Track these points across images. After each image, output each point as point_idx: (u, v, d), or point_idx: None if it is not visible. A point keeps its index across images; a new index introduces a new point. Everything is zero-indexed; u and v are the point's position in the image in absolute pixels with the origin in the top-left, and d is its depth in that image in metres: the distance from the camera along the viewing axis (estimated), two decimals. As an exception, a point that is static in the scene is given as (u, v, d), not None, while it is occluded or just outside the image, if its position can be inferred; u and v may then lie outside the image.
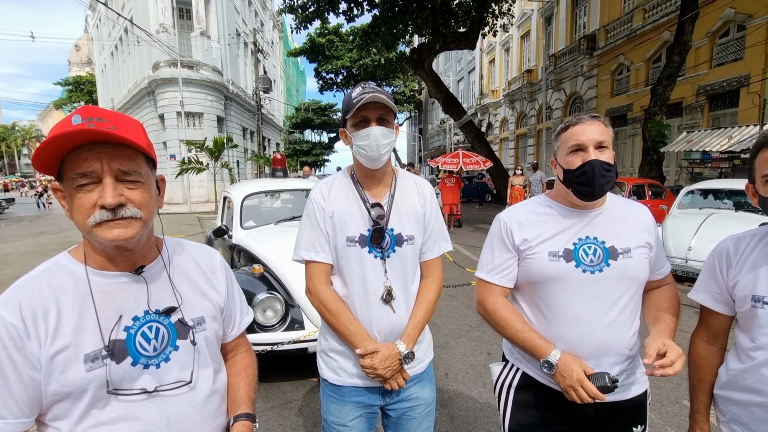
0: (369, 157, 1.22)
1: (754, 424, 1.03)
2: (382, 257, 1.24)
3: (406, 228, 1.27)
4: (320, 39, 27.82)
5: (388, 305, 1.23)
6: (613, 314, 1.15)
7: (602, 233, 1.19)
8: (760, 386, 1.01)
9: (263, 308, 2.68)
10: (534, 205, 1.30)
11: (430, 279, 1.34)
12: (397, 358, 1.21)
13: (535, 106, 22.10)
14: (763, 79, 10.06)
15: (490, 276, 1.27)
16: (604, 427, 1.22)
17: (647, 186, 8.69)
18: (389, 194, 1.29)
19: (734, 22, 11.17)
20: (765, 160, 0.97)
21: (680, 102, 12.38)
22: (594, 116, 1.20)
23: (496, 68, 27.95)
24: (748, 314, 1.04)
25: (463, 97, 34.29)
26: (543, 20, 21.41)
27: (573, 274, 1.16)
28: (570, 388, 1.09)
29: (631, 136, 14.67)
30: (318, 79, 31.56)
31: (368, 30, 16.26)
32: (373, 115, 1.21)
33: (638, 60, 14.34)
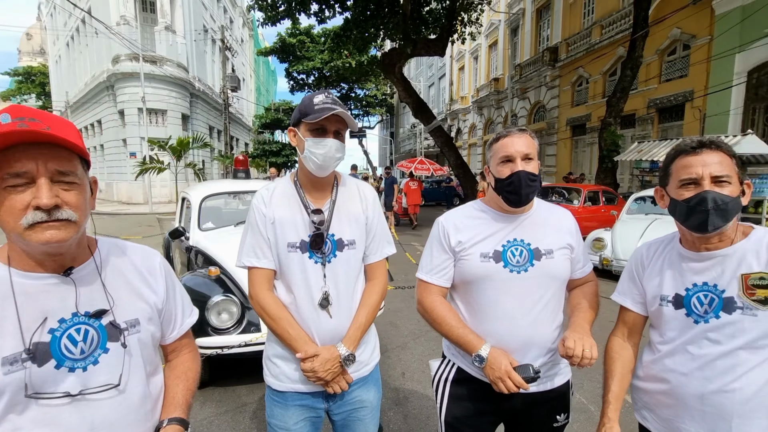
0: (320, 166, 1.25)
1: (659, 409, 1.15)
2: (322, 262, 1.27)
3: (347, 233, 1.31)
4: (291, 39, 27.54)
5: (325, 310, 1.26)
6: (537, 310, 1.25)
7: (528, 236, 1.29)
8: (664, 375, 1.13)
9: (218, 311, 2.66)
10: (469, 209, 1.39)
11: (373, 282, 1.38)
12: (338, 361, 1.24)
13: (502, 113, 22.80)
14: (705, 95, 10.87)
15: (429, 276, 1.34)
16: (530, 416, 1.31)
17: (601, 192, 9.18)
18: (331, 200, 1.32)
19: (680, 42, 12.02)
20: (681, 167, 1.06)
21: (633, 114, 13.16)
22: (521, 129, 1.29)
23: (466, 75, 28.64)
24: (657, 312, 1.16)
25: (433, 102, 34.84)
26: (509, 31, 22.18)
27: (501, 274, 1.25)
28: (498, 379, 1.17)
29: (589, 145, 15.43)
30: (289, 80, 31.19)
31: (340, 32, 16.26)
32: (332, 127, 1.25)
33: (596, 73, 15.13)
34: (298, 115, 1.27)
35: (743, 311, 1.00)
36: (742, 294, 1.01)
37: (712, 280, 1.06)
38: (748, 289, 1.00)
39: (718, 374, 1.02)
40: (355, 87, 34.71)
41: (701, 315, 1.06)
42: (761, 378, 0.99)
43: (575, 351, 1.14)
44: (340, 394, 1.29)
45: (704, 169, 1.01)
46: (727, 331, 1.02)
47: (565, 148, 17.30)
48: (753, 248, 1.03)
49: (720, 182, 1.01)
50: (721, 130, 10.13)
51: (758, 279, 1.00)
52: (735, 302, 1.01)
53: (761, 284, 0.99)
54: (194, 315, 1.07)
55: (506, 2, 21.84)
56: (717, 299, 1.04)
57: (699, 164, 1.02)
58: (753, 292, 1.00)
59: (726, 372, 1.01)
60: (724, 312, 1.02)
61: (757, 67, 9.92)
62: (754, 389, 0.99)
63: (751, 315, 0.99)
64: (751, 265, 1.02)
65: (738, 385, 1.00)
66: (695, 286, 1.08)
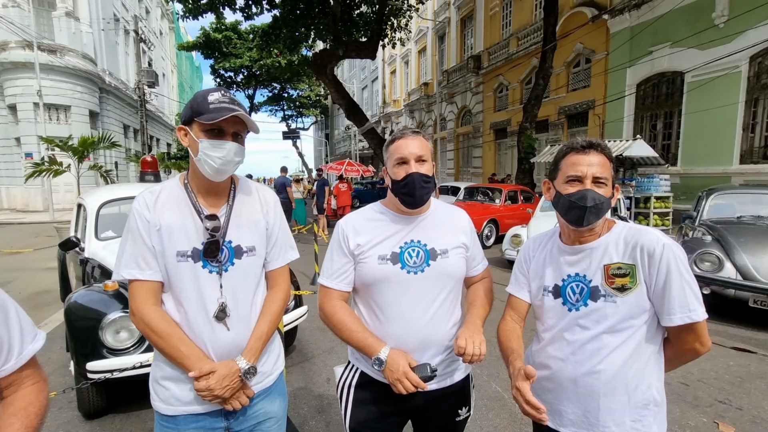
0: (217, 170, 1.16)
1: (544, 394, 1.22)
2: (218, 271, 1.19)
3: (246, 239, 1.24)
4: (216, 34, 26.09)
5: (221, 323, 1.19)
6: (433, 310, 1.28)
7: (425, 236, 1.32)
8: (547, 361, 1.21)
9: (116, 329, 2.40)
10: (369, 211, 1.39)
11: (276, 289, 1.33)
12: (237, 376, 1.17)
13: (432, 116, 23.67)
14: (603, 104, 12.24)
15: (329, 281, 1.32)
16: (432, 413, 1.34)
17: (519, 192, 9.92)
18: (227, 204, 1.24)
19: (583, 56, 13.41)
20: (570, 164, 1.13)
21: (546, 119, 14.41)
22: (415, 131, 1.32)
23: (397, 79, 29.27)
24: (540, 302, 1.24)
25: (367, 104, 35.13)
26: (437, 38, 23.11)
27: (399, 276, 1.27)
28: (397, 381, 1.18)
29: (510, 148, 16.58)
30: (215, 77, 29.53)
31: (269, 30, 15.73)
32: (230, 129, 1.17)
33: (514, 81, 16.32)
34: (189, 113, 1.16)
35: (605, 299, 1.10)
36: (604, 283, 1.11)
37: (582, 271, 1.16)
38: (609, 278, 1.11)
39: (587, 357, 1.12)
40: (288, 87, 33.83)
41: (573, 303, 1.16)
42: (621, 358, 1.10)
43: (466, 349, 1.19)
44: (242, 409, 1.22)
45: (588, 169, 1.10)
46: (594, 317, 1.12)
47: (489, 151, 18.41)
48: (614, 241, 1.14)
49: (599, 183, 1.10)
50: (617, 135, 11.47)
51: (616, 269, 1.11)
52: (599, 290, 1.11)
53: (619, 273, 1.10)
54: (39, 340, 0.90)
55: (433, 10, 22.72)
56: (586, 288, 1.14)
57: (585, 164, 1.11)
58: (613, 280, 1.10)
59: (593, 355, 1.11)
60: (591, 300, 1.12)
61: (644, 80, 11.40)
62: (615, 368, 1.10)
63: (612, 302, 1.10)
64: (611, 257, 1.12)
65: (603, 366, 1.10)
66: (569, 276, 1.18)
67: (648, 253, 1.07)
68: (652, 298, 1.09)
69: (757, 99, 9.10)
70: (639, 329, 1.10)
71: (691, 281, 1.07)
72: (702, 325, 1.08)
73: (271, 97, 35.59)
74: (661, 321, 1.09)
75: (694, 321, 1.05)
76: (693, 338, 1.10)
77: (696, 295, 1.06)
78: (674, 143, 10.85)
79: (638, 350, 1.10)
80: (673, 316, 1.06)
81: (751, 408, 2.74)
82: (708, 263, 4.31)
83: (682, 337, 1.11)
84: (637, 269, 1.09)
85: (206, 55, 27.77)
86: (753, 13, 8.58)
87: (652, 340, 1.12)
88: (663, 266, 1.06)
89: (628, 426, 1.11)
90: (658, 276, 1.06)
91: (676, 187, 10.11)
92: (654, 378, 1.13)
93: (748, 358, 3.49)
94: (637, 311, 1.09)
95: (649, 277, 1.08)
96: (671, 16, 10.27)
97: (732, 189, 5.67)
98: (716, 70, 9.30)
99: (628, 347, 1.10)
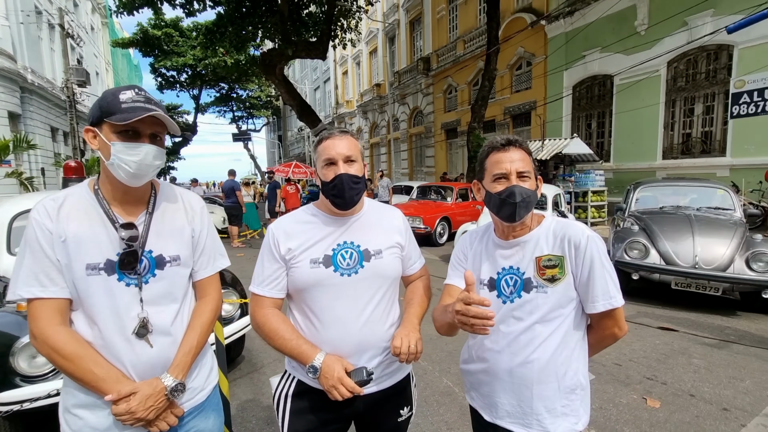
0: (133, 175, 1.07)
1: (481, 387, 1.26)
2: (137, 284, 1.10)
3: (169, 248, 1.16)
4: (155, 31, 24.56)
5: (143, 339, 1.10)
6: (369, 312, 1.26)
7: (358, 237, 1.30)
8: (484, 354, 1.23)
9: (31, 354, 2.16)
10: (301, 214, 1.35)
11: (205, 300, 1.26)
12: (162, 395, 1.08)
13: (385, 117, 23.85)
14: (544, 104, 12.94)
15: (260, 288, 1.27)
16: (374, 415, 1.33)
17: (470, 189, 10.23)
18: (146, 212, 1.16)
19: (524, 59, 14.11)
20: (494, 162, 1.17)
21: (493, 119, 15.00)
22: (343, 131, 1.29)
23: (350, 80, 29.20)
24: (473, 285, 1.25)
25: (320, 105, 34.74)
26: (387, 39, 23.31)
27: (332, 279, 1.24)
28: (332, 387, 1.15)
29: (461, 147, 17.06)
30: (156, 76, 27.82)
31: (213, 28, 15.06)
32: (147, 130, 1.08)
33: (462, 82, 16.84)
34: (98, 113, 1.06)
35: (537, 290, 1.14)
36: (536, 274, 1.15)
37: (516, 264, 1.19)
38: (540, 269, 1.15)
39: (522, 348, 1.15)
40: (236, 87, 32.62)
41: (508, 296, 1.19)
42: (551, 346, 1.14)
43: (401, 349, 1.19)
44: (170, 429, 1.13)
45: (511, 165, 1.14)
46: (527, 308, 1.15)
47: (441, 150, 18.86)
48: (544, 234, 1.19)
49: (523, 177, 1.14)
50: (557, 134, 12.17)
51: (547, 260, 1.15)
52: (532, 282, 1.15)
53: (549, 264, 1.15)
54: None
55: (383, 12, 22.91)
56: (519, 280, 1.17)
57: (507, 160, 1.14)
58: (544, 272, 1.15)
59: (527, 345, 1.15)
60: (524, 291, 1.16)
61: (579, 82, 12.19)
62: (547, 357, 1.14)
63: (543, 292, 1.14)
64: (542, 249, 1.17)
65: (536, 356, 1.14)
66: (504, 269, 1.21)
67: (575, 245, 1.13)
68: (578, 288, 1.14)
69: (674, 100, 10.03)
70: (567, 318, 1.15)
71: (611, 270, 1.13)
72: (620, 311, 1.14)
73: (218, 97, 34.15)
74: (586, 309, 1.15)
75: (615, 307, 1.11)
76: (612, 323, 1.16)
77: (615, 283, 1.12)
78: (607, 141, 11.71)
79: (566, 338, 1.15)
80: (597, 303, 1.11)
81: (674, 382, 3.00)
82: (636, 251, 4.68)
83: (603, 323, 1.17)
84: (566, 260, 1.14)
85: (145, 53, 26.05)
86: (669, 22, 9.46)
87: (578, 328, 1.18)
88: (587, 257, 1.11)
89: (559, 411, 1.15)
90: (583, 266, 1.12)
91: (610, 182, 10.93)
92: (580, 363, 1.18)
93: (671, 336, 3.82)
94: (565, 300, 1.14)
95: (576, 268, 1.13)
96: (600, 23, 11.07)
97: (655, 182, 6.20)
98: (639, 74, 10.15)
99: (557, 336, 1.14)
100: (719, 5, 8.70)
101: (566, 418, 1.15)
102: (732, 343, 3.63)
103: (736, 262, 4.21)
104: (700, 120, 9.64)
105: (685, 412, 2.61)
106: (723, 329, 3.96)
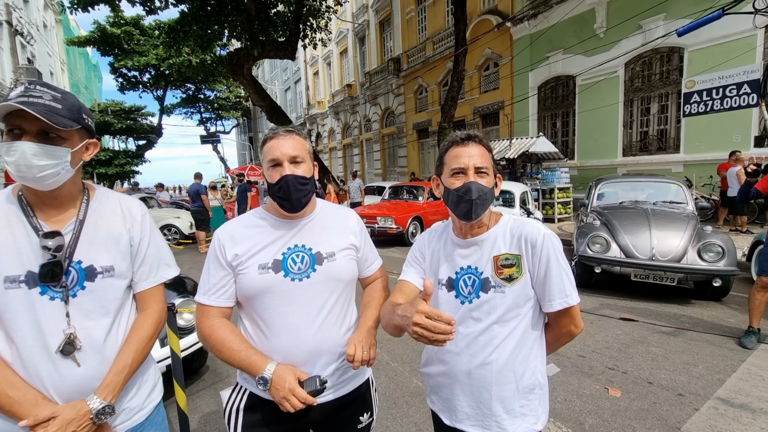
0: (21, 177, 0.99)
1: (441, 390, 1.23)
2: (63, 298, 1.02)
3: (102, 258, 1.08)
4: (114, 29, 23.48)
5: (69, 357, 1.01)
6: (323, 317, 1.22)
7: (310, 240, 1.25)
8: (443, 356, 1.20)
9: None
10: (250, 217, 1.29)
11: (145, 313, 1.18)
12: (87, 419, 1.00)
13: (357, 118, 23.78)
14: (511, 104, 13.26)
15: (206, 298, 1.21)
16: (332, 424, 1.28)
17: (441, 189, 10.35)
18: (76, 219, 1.07)
19: (492, 60, 14.41)
20: (453, 157, 1.14)
21: (463, 119, 15.24)
22: (289, 130, 1.22)
23: (321, 80, 28.94)
24: (435, 295, 1.20)
25: (291, 106, 34.26)
26: (357, 40, 23.25)
27: (282, 284, 1.19)
28: (283, 399, 1.10)
29: (432, 147, 17.27)
30: (117, 77, 26.56)
31: (176, 27, 14.54)
32: (33, 127, 0.98)
33: (432, 83, 17.02)
34: None
35: (495, 289, 1.12)
36: (494, 274, 1.13)
37: (474, 263, 1.17)
38: (498, 269, 1.13)
39: (480, 349, 1.13)
40: (204, 88, 31.65)
41: (466, 296, 1.16)
42: (509, 347, 1.12)
43: (355, 355, 1.15)
44: None
45: (470, 160, 1.11)
46: (485, 308, 1.13)
47: (413, 150, 18.99)
48: (501, 232, 1.17)
49: (480, 173, 1.12)
50: (524, 133, 12.50)
51: (504, 259, 1.13)
52: (490, 282, 1.13)
53: (506, 264, 1.13)
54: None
55: (352, 12, 22.83)
56: (477, 280, 1.15)
57: (466, 155, 1.12)
58: (501, 271, 1.13)
59: (485, 346, 1.13)
60: (482, 291, 1.13)
61: (543, 83, 12.57)
62: (505, 357, 1.12)
63: (501, 292, 1.11)
64: (500, 248, 1.14)
65: (494, 357, 1.12)
66: (462, 269, 1.18)
67: (531, 243, 1.11)
68: (535, 286, 1.13)
69: (632, 100, 10.51)
70: (524, 317, 1.13)
71: (566, 268, 1.11)
72: (576, 308, 1.14)
73: (185, 98, 33.00)
74: (543, 307, 1.14)
75: (571, 305, 1.10)
76: (569, 321, 1.16)
77: (571, 281, 1.11)
78: (571, 139, 12.12)
79: (524, 337, 1.13)
80: (554, 301, 1.10)
81: (633, 370, 3.12)
82: (598, 245, 4.85)
83: (560, 321, 1.17)
84: (522, 259, 1.12)
85: (104, 52, 24.83)
86: (625, 25, 9.89)
87: (536, 327, 1.16)
88: (544, 255, 1.10)
89: (517, 411, 1.13)
90: (540, 265, 1.10)
91: (575, 179, 11.32)
92: (538, 362, 1.17)
93: (632, 327, 3.98)
94: (523, 300, 1.12)
95: (533, 266, 1.11)
96: (562, 26, 11.45)
97: (615, 178, 6.46)
98: (599, 75, 10.57)
99: (515, 336, 1.13)
100: (670, 9, 9.17)
101: (525, 418, 1.14)
102: (686, 331, 3.81)
103: (689, 253, 4.43)
104: (656, 119, 10.14)
105: (644, 400, 2.71)
106: (679, 317, 4.16)
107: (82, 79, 37.35)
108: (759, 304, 3.43)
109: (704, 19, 6.21)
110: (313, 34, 15.98)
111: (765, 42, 7.98)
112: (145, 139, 29.11)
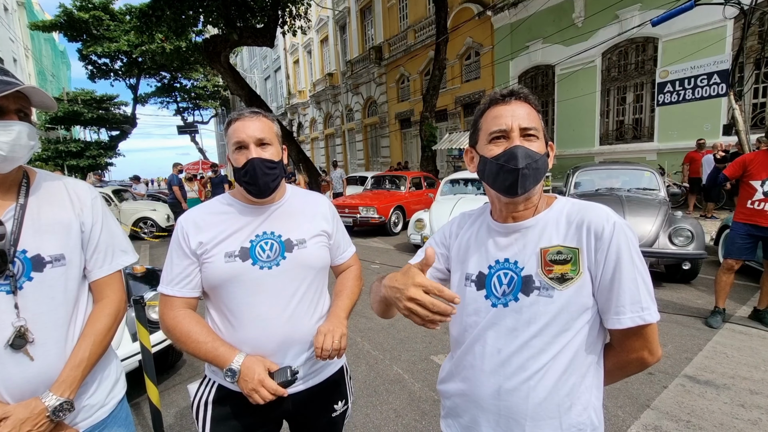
0: (4, 158, 0.94)
1: (460, 415, 1.00)
2: (10, 290, 0.96)
3: (49, 246, 1.02)
4: (82, 14, 22.40)
5: (21, 351, 0.96)
6: (293, 306, 1.18)
7: (279, 227, 1.21)
8: (464, 372, 0.96)
9: None
10: (215, 204, 1.25)
11: (102, 303, 1.12)
12: (43, 416, 0.95)
13: (339, 107, 23.50)
14: (492, 94, 13.32)
15: (169, 288, 1.16)
16: (306, 413, 1.26)
17: (423, 178, 10.37)
18: (17, 204, 1.00)
19: (473, 49, 14.40)
20: (492, 118, 0.89)
21: (445, 109, 15.23)
22: (255, 112, 1.17)
23: (301, 69, 28.41)
24: (461, 294, 0.99)
25: (272, 96, 33.59)
26: (338, 28, 22.85)
27: (251, 273, 1.15)
28: (252, 391, 1.06)
29: (414, 137, 17.23)
30: (86, 64, 25.40)
31: (148, 11, 13.96)
32: (12, 106, 0.95)
33: (414, 72, 16.92)
34: None
35: (540, 292, 0.86)
36: (540, 271, 0.87)
37: (514, 256, 0.91)
38: (547, 265, 0.87)
39: (514, 369, 0.88)
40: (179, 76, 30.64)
41: (499, 297, 0.91)
42: (555, 371, 0.86)
43: (324, 345, 1.12)
44: None
45: (513, 121, 0.86)
46: (525, 316, 0.87)
47: (396, 140, 18.93)
48: (554, 219, 0.90)
49: (528, 135, 0.87)
50: (505, 123, 12.58)
51: (556, 253, 0.87)
52: (533, 281, 0.87)
53: (558, 259, 0.86)
54: None
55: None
56: (516, 278, 0.90)
57: (509, 114, 0.87)
58: (551, 268, 0.86)
59: (522, 367, 0.87)
60: (522, 293, 0.88)
61: (524, 72, 12.65)
62: (548, 385, 0.86)
63: (547, 296, 0.85)
64: (551, 238, 0.88)
65: (533, 382, 0.86)
66: (497, 263, 0.93)
67: (595, 234, 0.84)
68: (597, 293, 0.86)
69: (609, 90, 10.69)
70: (578, 333, 0.86)
71: (643, 271, 0.84)
72: (654, 328, 0.86)
73: (160, 87, 31.85)
74: (607, 322, 0.86)
75: (648, 323, 0.83)
76: (641, 344, 0.87)
77: (649, 289, 0.84)
78: (550, 128, 12.27)
79: (576, 361, 0.86)
80: (623, 315, 0.82)
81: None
82: (575, 232, 4.94)
83: (628, 343, 0.88)
84: (581, 254, 0.85)
85: (71, 37, 23.67)
86: (602, 15, 10.01)
87: (593, 348, 0.88)
88: (612, 251, 0.83)
89: None
90: (606, 263, 0.83)
91: (554, 168, 11.47)
92: (593, 396, 0.89)
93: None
94: (577, 309, 0.85)
95: (595, 265, 0.84)
96: (541, 15, 11.51)
97: (592, 166, 6.57)
98: (577, 64, 10.70)
99: (564, 357, 0.86)
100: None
101: None
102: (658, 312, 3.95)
103: (661, 237, 4.57)
104: (632, 108, 10.36)
105: (616, 379, 2.80)
106: (650, 300, 4.30)
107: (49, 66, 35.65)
108: (724, 285, 3.57)
109: (677, 9, 6.33)
110: (292, 21, 15.62)
111: (734, 33, 8.21)
112: (119, 130, 28.08)
